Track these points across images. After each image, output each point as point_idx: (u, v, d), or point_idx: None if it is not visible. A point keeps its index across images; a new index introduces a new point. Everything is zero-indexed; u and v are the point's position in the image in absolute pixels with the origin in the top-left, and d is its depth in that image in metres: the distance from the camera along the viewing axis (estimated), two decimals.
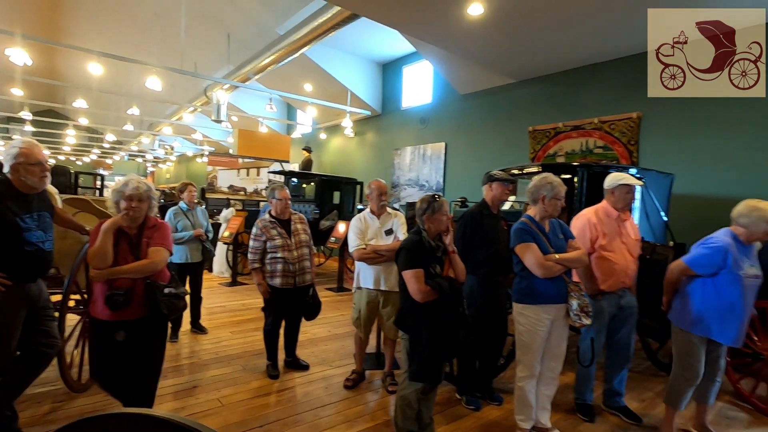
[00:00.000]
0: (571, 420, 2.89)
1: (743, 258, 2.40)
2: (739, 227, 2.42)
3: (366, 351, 3.44)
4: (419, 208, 2.26)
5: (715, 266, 2.41)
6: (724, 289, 2.40)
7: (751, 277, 2.39)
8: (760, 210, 2.34)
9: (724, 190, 4.53)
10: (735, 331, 2.42)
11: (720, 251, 2.39)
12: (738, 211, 2.43)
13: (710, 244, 2.45)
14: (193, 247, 4.20)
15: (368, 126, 9.70)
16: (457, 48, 5.77)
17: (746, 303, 2.41)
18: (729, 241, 2.40)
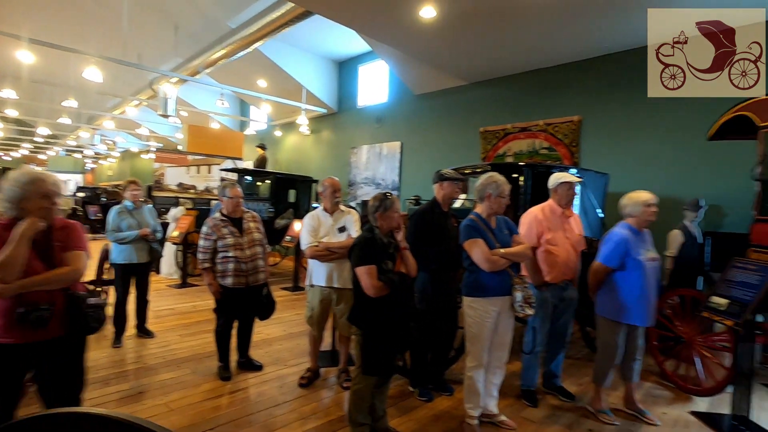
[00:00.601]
0: (516, 405, 3.06)
1: (640, 244, 2.78)
2: (630, 218, 2.83)
3: (321, 349, 3.45)
4: (371, 206, 2.31)
5: (621, 256, 2.74)
6: (630, 276, 2.74)
7: (650, 260, 2.76)
8: (635, 197, 2.82)
9: (654, 189, 4.86)
10: (645, 312, 2.76)
11: (621, 242, 2.76)
12: (623, 205, 2.88)
13: (612, 239, 2.81)
14: (139, 247, 4.00)
15: (324, 124, 9.64)
16: (411, 49, 5.88)
17: (650, 284, 2.76)
18: (625, 232, 2.78)
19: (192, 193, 13.93)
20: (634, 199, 2.84)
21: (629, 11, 4.35)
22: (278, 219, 7.50)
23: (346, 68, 9.08)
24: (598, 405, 2.92)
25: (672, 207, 4.65)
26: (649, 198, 2.82)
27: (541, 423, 2.83)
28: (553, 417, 2.92)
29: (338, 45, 8.28)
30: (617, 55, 5.32)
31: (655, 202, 2.83)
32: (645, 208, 2.79)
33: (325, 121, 9.60)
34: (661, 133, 4.98)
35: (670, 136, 4.89)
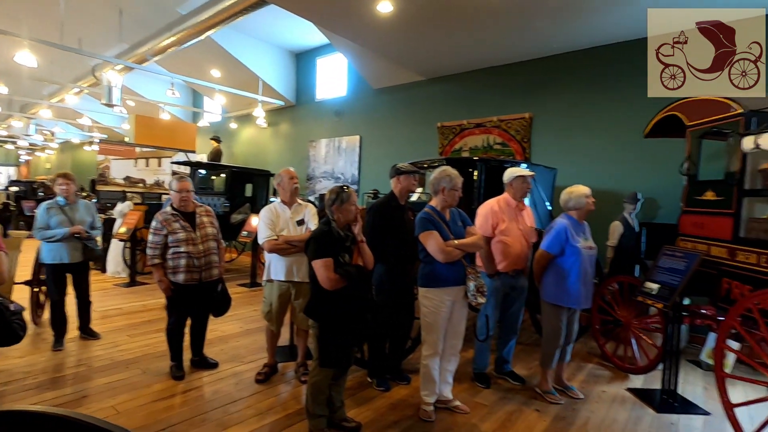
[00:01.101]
0: (470, 390, 3.18)
1: (579, 233, 3.02)
2: (572, 210, 3.06)
3: (279, 344, 3.43)
4: (328, 199, 2.31)
5: (561, 243, 2.96)
6: (568, 262, 2.95)
7: (587, 248, 3.00)
8: (576, 191, 3.05)
9: (600, 183, 5.24)
10: (582, 296, 2.99)
11: (561, 230, 2.98)
12: (565, 200, 3.09)
13: (554, 228, 3.03)
14: (71, 245, 3.68)
15: (282, 117, 9.46)
16: (369, 43, 5.88)
17: (587, 270, 2.99)
18: (566, 222, 3.02)
19: (141, 188, 13.24)
20: (576, 192, 3.05)
21: (579, 14, 4.58)
22: (234, 214, 7.30)
23: (304, 60, 8.94)
24: (545, 386, 3.10)
25: (613, 200, 4.98)
26: (587, 190, 3.05)
27: (492, 405, 2.97)
28: (504, 400, 3.06)
29: (296, 36, 8.13)
30: (566, 55, 5.59)
31: (590, 193, 3.07)
32: (586, 199, 3.02)
33: (282, 113, 9.41)
34: (604, 130, 5.29)
35: (612, 134, 5.21)
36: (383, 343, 3.25)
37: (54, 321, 3.72)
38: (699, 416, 2.94)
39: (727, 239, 2.89)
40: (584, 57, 5.45)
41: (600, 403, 3.07)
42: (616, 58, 5.22)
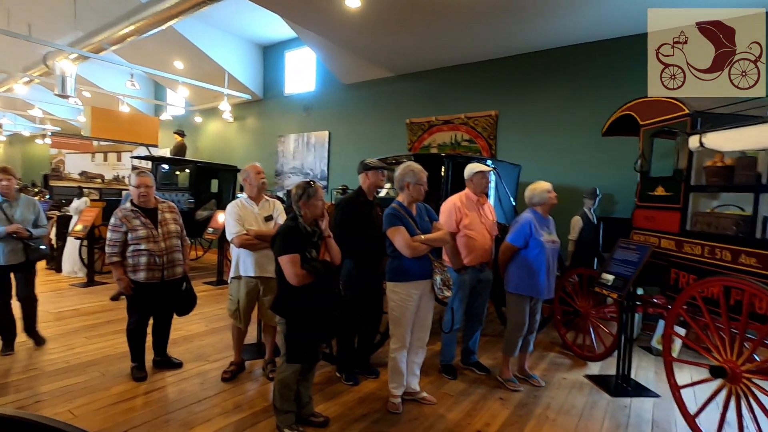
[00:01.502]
0: (437, 382, 3.25)
1: (543, 227, 3.15)
2: (536, 206, 3.20)
3: (246, 342, 3.38)
4: (295, 194, 2.30)
5: (525, 236, 3.08)
6: (532, 255, 3.07)
7: (550, 241, 3.13)
8: (539, 187, 3.19)
9: (563, 179, 5.45)
10: (544, 286, 3.12)
11: (525, 224, 3.10)
12: (528, 196, 3.23)
13: (519, 222, 3.16)
14: (10, 246, 3.41)
15: (249, 111, 9.26)
16: (337, 38, 5.85)
17: (549, 262, 3.13)
18: (530, 216, 3.15)
19: (99, 183, 12.64)
20: (539, 188, 3.18)
21: (542, 15, 4.72)
22: (200, 210, 7.10)
23: (272, 54, 8.78)
24: (506, 374, 3.22)
25: (574, 196, 5.18)
26: (549, 186, 3.19)
27: (458, 396, 3.04)
28: (469, 389, 3.15)
29: (263, 29, 7.97)
30: (530, 54, 5.75)
31: (552, 188, 3.22)
32: (548, 194, 3.16)
33: (249, 107, 9.22)
34: (565, 129, 5.49)
35: (573, 132, 5.41)
36: (352, 338, 3.27)
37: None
38: (650, 399, 3.12)
39: (675, 232, 3.07)
40: (547, 57, 5.63)
41: (560, 390, 3.21)
42: (578, 58, 5.42)
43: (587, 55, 5.35)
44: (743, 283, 2.27)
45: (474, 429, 2.61)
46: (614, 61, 5.17)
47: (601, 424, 2.74)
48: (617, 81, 5.10)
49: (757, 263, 2.41)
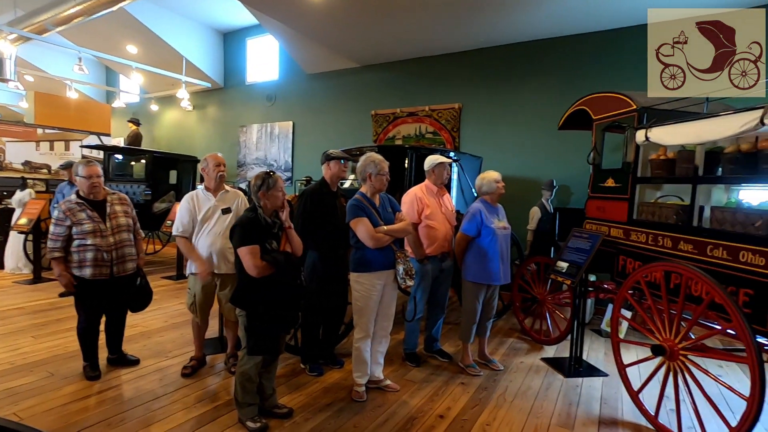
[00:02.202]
0: (401, 370, 3.32)
1: (493, 215, 3.27)
2: (485, 195, 3.31)
3: (207, 336, 3.31)
4: (254, 185, 2.26)
5: (477, 225, 3.19)
6: (486, 242, 3.18)
7: (501, 228, 3.26)
8: (488, 177, 3.29)
9: (523, 171, 5.64)
10: (499, 272, 3.24)
11: (476, 213, 3.21)
12: (478, 185, 3.34)
13: (470, 212, 3.26)
14: None
15: (209, 99, 8.94)
16: (300, 26, 5.74)
17: (503, 249, 3.25)
18: (480, 205, 3.26)
19: (44, 174, 11.85)
20: (487, 178, 3.29)
21: (504, 10, 4.82)
22: (157, 202, 6.83)
23: (233, 41, 8.50)
24: (467, 360, 3.33)
25: (533, 187, 5.37)
26: (497, 176, 3.30)
27: (421, 382, 3.12)
28: (432, 376, 3.23)
29: (223, 14, 7.69)
30: (493, 49, 5.87)
31: (500, 178, 3.32)
32: (496, 184, 3.27)
33: (210, 96, 8.90)
34: (525, 122, 5.66)
35: (533, 126, 5.59)
36: (316, 330, 3.27)
37: None
38: (599, 378, 3.32)
39: (623, 221, 3.26)
40: (509, 52, 5.77)
41: (518, 373, 3.35)
42: (538, 54, 5.58)
43: (547, 51, 5.53)
44: (681, 267, 2.44)
45: (436, 413, 2.69)
46: (572, 58, 5.37)
47: (554, 403, 2.89)
48: (575, 77, 5.31)
49: (694, 249, 2.60)
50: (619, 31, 5.07)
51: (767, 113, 2.18)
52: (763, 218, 2.26)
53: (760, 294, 2.19)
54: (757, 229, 2.28)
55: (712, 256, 2.48)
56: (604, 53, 5.18)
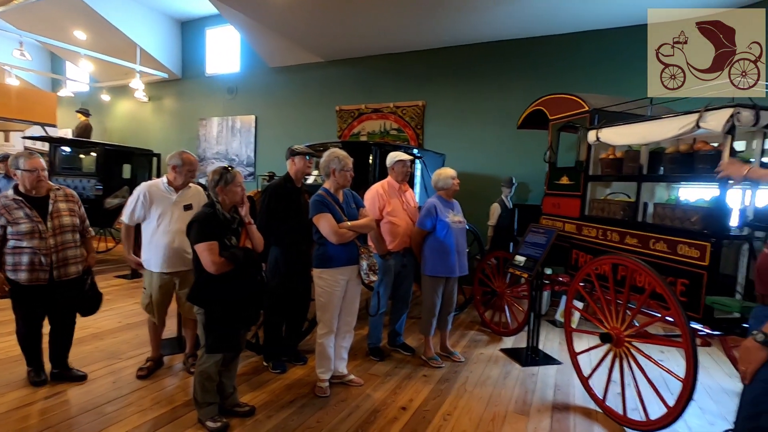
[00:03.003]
0: (365, 364, 3.35)
1: (448, 210, 3.34)
2: (440, 191, 3.37)
3: (166, 336, 3.21)
4: (211, 180, 2.21)
5: (432, 219, 3.26)
6: (441, 236, 3.26)
7: (456, 222, 3.34)
8: (443, 174, 3.34)
9: (484, 169, 5.79)
10: (455, 264, 3.33)
11: (430, 208, 3.29)
12: (434, 181, 3.39)
13: (425, 207, 3.33)
14: None
15: (166, 90, 8.58)
16: (263, 18, 5.62)
17: (458, 242, 3.34)
18: (435, 200, 3.34)
19: None
20: (443, 174, 3.37)
21: (468, 10, 4.92)
22: (109, 198, 6.49)
23: (191, 30, 8.18)
24: (429, 353, 3.40)
25: (493, 184, 5.53)
26: (453, 173, 3.38)
27: (385, 376, 3.16)
28: (396, 369, 3.28)
29: (180, 2, 7.39)
30: (456, 48, 5.97)
31: (456, 175, 3.40)
32: (452, 181, 3.35)
33: (166, 87, 8.54)
34: (486, 121, 5.82)
35: (494, 124, 5.75)
36: (279, 327, 3.24)
37: None
38: (554, 366, 3.48)
39: (576, 217, 3.43)
40: (471, 51, 5.89)
41: (478, 364, 3.46)
42: (498, 54, 5.74)
43: (508, 52, 5.69)
44: (626, 260, 2.61)
45: (398, 406, 2.74)
46: (532, 59, 5.56)
47: (512, 391, 3.01)
48: (534, 78, 5.50)
49: (638, 243, 2.78)
50: (575, 35, 5.30)
51: (702, 117, 2.36)
52: (699, 214, 2.45)
53: (694, 284, 2.38)
54: (693, 224, 2.46)
55: (654, 249, 2.66)
56: (561, 56, 5.40)
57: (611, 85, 5.01)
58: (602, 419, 2.68)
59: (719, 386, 3.19)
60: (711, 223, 2.36)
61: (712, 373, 3.44)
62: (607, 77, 5.13)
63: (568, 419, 2.68)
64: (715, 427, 2.60)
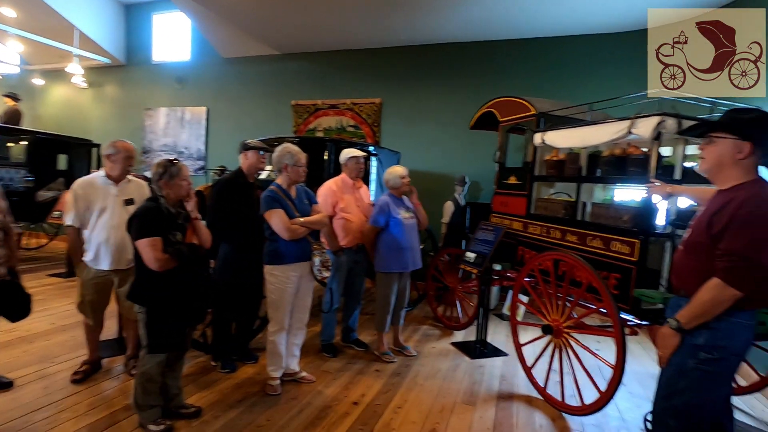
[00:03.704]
0: (318, 361, 3.34)
1: (399, 206, 3.39)
2: (392, 189, 3.42)
3: (105, 337, 3.03)
4: (155, 173, 2.11)
5: (384, 216, 3.30)
6: (394, 232, 3.31)
7: (408, 218, 3.39)
8: (394, 172, 3.38)
9: (438, 167, 5.91)
10: (408, 259, 3.38)
11: (383, 205, 3.31)
12: (385, 179, 3.44)
13: (377, 205, 3.36)
14: None
15: (108, 77, 8.05)
16: (214, 6, 5.41)
17: (410, 237, 3.39)
18: (387, 198, 3.37)
19: None
20: (394, 173, 3.40)
21: (422, 11, 4.99)
22: (42, 191, 6.01)
23: (136, 14, 7.73)
24: (382, 348, 3.45)
25: (447, 182, 5.67)
26: (403, 171, 3.42)
27: (337, 372, 3.17)
28: (348, 365, 3.30)
29: None
30: (413, 47, 6.05)
31: (407, 174, 3.44)
32: (401, 180, 3.39)
33: (108, 73, 8.02)
34: (441, 120, 5.95)
35: (448, 124, 5.89)
36: (228, 325, 3.15)
37: None
38: (501, 357, 3.64)
39: (522, 215, 3.60)
40: (427, 52, 5.99)
41: (429, 358, 3.55)
42: (454, 56, 5.88)
43: (462, 54, 5.84)
44: (566, 256, 2.77)
45: (350, 401, 2.76)
46: (486, 62, 5.74)
47: (460, 383, 3.12)
48: (487, 80, 5.68)
49: (577, 240, 2.97)
50: (527, 41, 5.54)
51: (634, 124, 2.55)
52: (630, 213, 2.65)
53: (624, 277, 2.58)
54: (625, 223, 2.66)
55: (591, 246, 2.85)
56: (513, 60, 5.62)
57: (557, 90, 5.28)
58: (543, 406, 2.84)
59: (646, 371, 3.47)
60: (640, 222, 2.55)
61: (640, 360, 3.73)
62: (554, 83, 5.40)
63: (512, 407, 2.82)
64: (641, 409, 2.83)
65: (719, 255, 1.48)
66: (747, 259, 1.43)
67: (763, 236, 1.43)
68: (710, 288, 1.49)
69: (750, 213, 1.44)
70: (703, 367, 1.54)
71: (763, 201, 1.46)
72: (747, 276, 1.44)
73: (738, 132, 1.53)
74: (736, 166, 1.55)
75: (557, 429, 2.59)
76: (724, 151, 1.56)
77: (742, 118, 1.56)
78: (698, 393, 1.56)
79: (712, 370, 1.54)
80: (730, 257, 1.45)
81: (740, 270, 1.44)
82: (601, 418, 2.69)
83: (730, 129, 1.56)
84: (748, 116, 1.56)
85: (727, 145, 1.55)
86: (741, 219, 1.44)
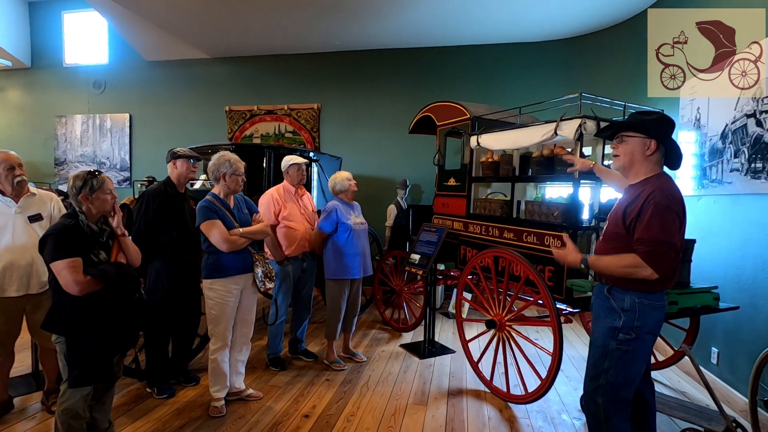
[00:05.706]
0: (265, 376, 3.20)
1: (349, 212, 3.37)
2: (339, 194, 3.40)
3: (17, 373, 2.68)
4: (73, 187, 1.90)
5: (333, 222, 3.27)
6: (344, 238, 3.29)
7: (358, 224, 3.39)
8: (340, 177, 3.37)
9: (380, 171, 5.95)
10: (359, 266, 3.36)
11: (332, 211, 3.28)
12: (331, 186, 3.43)
13: (326, 210, 3.32)
14: None
15: (11, 81, 7.21)
16: (133, 6, 5.05)
17: (360, 243, 3.38)
18: (336, 203, 3.35)
19: None
20: (339, 177, 3.39)
21: (355, 17, 5.01)
22: None
23: (43, 12, 7.01)
24: (331, 356, 3.39)
25: (389, 186, 5.73)
26: (348, 174, 3.43)
27: (287, 385, 3.07)
28: (298, 377, 3.20)
29: None
30: (351, 53, 6.07)
31: (351, 176, 3.44)
32: (348, 182, 3.38)
33: (11, 77, 7.19)
34: (381, 125, 6.01)
35: (387, 128, 5.96)
36: (164, 347, 2.93)
37: None
38: (449, 355, 3.73)
39: (463, 215, 3.72)
40: (364, 57, 6.04)
41: (379, 362, 3.55)
42: (390, 61, 5.98)
43: (399, 60, 5.95)
44: (505, 253, 2.91)
45: (301, 414, 2.68)
46: (421, 67, 5.89)
47: (411, 384, 3.15)
48: (424, 85, 5.84)
49: (514, 237, 3.12)
50: (461, 48, 5.77)
51: (559, 126, 2.74)
52: (559, 209, 2.84)
53: (558, 270, 2.75)
54: (556, 218, 2.84)
55: (526, 242, 3.01)
56: (448, 66, 5.82)
57: (489, 94, 5.54)
58: (490, 398, 2.95)
59: (581, 356, 3.73)
60: (568, 217, 2.74)
61: (575, 345, 4.00)
62: (486, 88, 5.67)
63: (462, 403, 2.89)
64: (578, 392, 3.03)
65: (637, 242, 1.63)
66: (664, 243, 1.59)
67: (670, 222, 1.60)
68: (630, 258, 1.64)
69: (656, 203, 1.62)
70: (623, 347, 1.72)
71: (666, 192, 1.65)
72: (665, 258, 1.60)
73: (645, 131, 1.72)
74: (645, 161, 1.74)
75: (505, 419, 2.70)
76: (635, 149, 1.75)
77: (647, 119, 1.75)
78: (621, 371, 1.74)
79: (630, 348, 1.72)
80: (648, 243, 1.60)
81: (658, 254, 1.60)
82: (543, 404, 2.85)
83: (637, 129, 1.74)
84: (652, 117, 1.77)
85: (636, 143, 1.75)
86: (650, 209, 1.61)
